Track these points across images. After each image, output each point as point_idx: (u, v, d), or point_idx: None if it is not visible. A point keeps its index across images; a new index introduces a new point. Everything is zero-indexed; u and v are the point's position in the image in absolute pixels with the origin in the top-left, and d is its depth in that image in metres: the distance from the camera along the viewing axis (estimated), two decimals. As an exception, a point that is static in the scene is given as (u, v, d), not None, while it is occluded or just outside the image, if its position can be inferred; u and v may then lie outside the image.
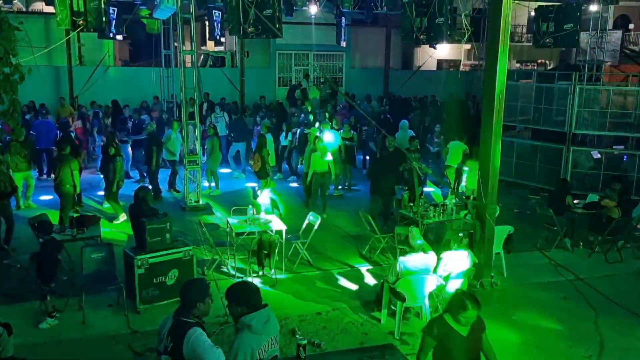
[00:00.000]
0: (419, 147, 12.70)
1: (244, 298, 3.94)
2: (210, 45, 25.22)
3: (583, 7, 16.74)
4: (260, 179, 12.21)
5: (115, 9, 16.02)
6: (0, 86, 5.29)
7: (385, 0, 18.64)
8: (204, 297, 3.99)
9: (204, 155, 13.41)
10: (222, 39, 18.39)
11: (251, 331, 3.85)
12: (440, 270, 7.17)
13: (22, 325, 6.71)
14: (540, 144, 14.03)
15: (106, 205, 11.42)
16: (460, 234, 7.55)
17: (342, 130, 13.76)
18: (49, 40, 19.08)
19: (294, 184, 14.33)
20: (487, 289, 8.13)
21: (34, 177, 12.11)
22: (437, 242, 9.48)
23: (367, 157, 16.05)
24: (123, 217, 10.68)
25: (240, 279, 8.08)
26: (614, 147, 14.17)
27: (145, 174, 13.48)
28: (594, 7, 16.85)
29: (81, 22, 10.80)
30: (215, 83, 21.20)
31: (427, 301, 7.02)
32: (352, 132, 13.96)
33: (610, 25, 22.42)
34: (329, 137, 12.38)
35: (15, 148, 6.43)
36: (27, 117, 15.61)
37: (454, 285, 7.20)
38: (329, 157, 11.44)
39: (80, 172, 10.34)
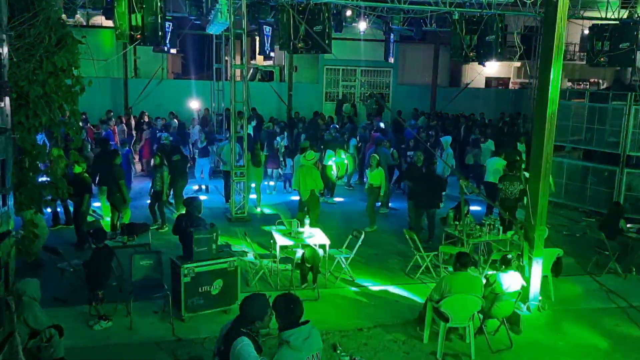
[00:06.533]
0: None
1: (278, 313, 3.98)
2: (259, 60, 25.69)
3: (640, 26, 16.27)
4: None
5: (171, 23, 16.55)
6: (62, 97, 5.53)
7: (434, 17, 18.61)
8: (262, 315, 4.05)
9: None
10: (272, 54, 18.73)
11: (290, 347, 3.86)
12: (486, 292, 7.03)
13: (73, 328, 6.92)
14: (592, 165, 13.64)
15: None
16: (509, 256, 7.40)
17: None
18: (107, 53, 19.90)
19: (338, 199, 14.34)
20: (533, 313, 7.92)
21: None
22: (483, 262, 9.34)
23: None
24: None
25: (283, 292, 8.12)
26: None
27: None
28: (651, 26, 16.32)
29: (138, 36, 11.15)
30: (264, 97, 21.55)
31: (471, 322, 6.89)
32: (391, 149, 14.28)
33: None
34: None
35: (73, 156, 6.68)
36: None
37: (501, 308, 7.05)
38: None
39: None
